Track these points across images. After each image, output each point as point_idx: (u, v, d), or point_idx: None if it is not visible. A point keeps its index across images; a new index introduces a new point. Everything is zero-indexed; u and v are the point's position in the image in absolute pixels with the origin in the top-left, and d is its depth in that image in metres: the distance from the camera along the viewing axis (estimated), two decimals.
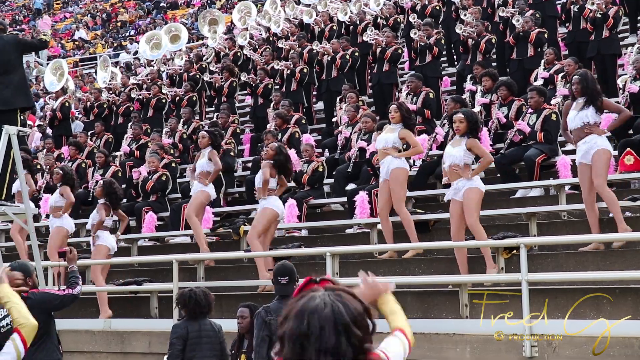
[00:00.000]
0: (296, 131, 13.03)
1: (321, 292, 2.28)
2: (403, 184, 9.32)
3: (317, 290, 2.30)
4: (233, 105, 16.37)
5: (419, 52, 14.12)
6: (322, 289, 2.31)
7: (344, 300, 2.27)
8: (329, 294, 2.27)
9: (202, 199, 10.81)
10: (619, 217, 8.01)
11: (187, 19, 31.17)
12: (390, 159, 9.21)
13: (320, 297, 2.27)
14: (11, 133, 7.94)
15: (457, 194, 8.32)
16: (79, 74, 24.97)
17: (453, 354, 7.43)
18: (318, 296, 2.27)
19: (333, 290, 2.29)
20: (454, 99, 11.15)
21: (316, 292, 2.29)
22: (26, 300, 6.15)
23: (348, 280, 8.90)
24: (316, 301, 2.25)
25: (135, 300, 10.60)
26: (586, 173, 8.10)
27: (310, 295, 2.28)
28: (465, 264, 8.37)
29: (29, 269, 6.45)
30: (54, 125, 17.06)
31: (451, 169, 8.36)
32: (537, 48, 12.95)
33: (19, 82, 8.28)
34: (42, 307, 6.28)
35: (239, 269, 10.68)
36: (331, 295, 2.26)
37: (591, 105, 8.03)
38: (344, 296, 2.28)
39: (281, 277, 6.67)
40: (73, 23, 37.09)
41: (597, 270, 7.90)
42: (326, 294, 2.27)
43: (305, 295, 2.29)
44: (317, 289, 2.32)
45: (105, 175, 13.72)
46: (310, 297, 2.27)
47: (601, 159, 8.00)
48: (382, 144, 9.32)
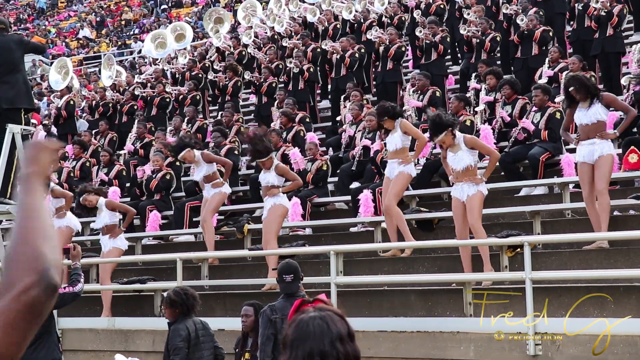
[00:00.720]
0: (301, 129, 13.04)
1: (310, 315, 2.35)
2: (404, 185, 9.34)
3: (307, 312, 2.37)
4: (237, 103, 16.39)
5: (425, 50, 14.10)
6: (312, 309, 2.38)
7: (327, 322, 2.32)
8: (316, 317, 2.33)
9: (219, 200, 10.76)
10: (605, 226, 8.00)
11: (191, 17, 31.18)
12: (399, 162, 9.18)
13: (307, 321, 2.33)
14: (15, 132, 7.96)
15: (462, 194, 8.31)
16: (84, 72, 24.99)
17: (457, 353, 7.42)
18: (306, 321, 2.33)
19: (321, 311, 2.34)
20: (458, 98, 11.16)
21: (305, 314, 2.36)
22: None
23: (352, 279, 8.92)
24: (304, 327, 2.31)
25: (139, 299, 10.61)
26: (588, 172, 8.08)
27: (300, 319, 2.35)
28: (470, 262, 8.36)
29: None
30: (59, 123, 17.09)
31: (462, 178, 8.26)
32: (541, 47, 12.93)
33: (23, 82, 8.30)
34: None
35: (243, 267, 10.69)
36: (317, 319, 2.32)
37: (598, 102, 8.02)
38: (329, 317, 2.34)
39: (286, 275, 6.68)
40: (77, 22, 37.15)
41: (601, 268, 7.89)
42: (313, 317, 2.33)
43: (295, 320, 2.36)
44: (308, 310, 2.38)
45: (110, 173, 13.75)
46: (300, 321, 2.34)
47: (608, 163, 7.99)
48: (392, 146, 9.25)
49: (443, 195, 10.86)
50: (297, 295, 6.71)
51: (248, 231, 10.90)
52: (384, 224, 10.09)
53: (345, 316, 2.39)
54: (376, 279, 9.06)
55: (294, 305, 2.45)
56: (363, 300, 8.79)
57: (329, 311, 2.36)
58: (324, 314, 2.34)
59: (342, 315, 2.39)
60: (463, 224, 8.34)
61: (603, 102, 8.07)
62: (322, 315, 2.33)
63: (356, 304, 8.75)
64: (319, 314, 2.34)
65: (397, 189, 9.22)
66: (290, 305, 6.52)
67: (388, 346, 7.78)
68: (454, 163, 8.31)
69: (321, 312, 2.35)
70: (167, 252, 11.54)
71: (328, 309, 2.37)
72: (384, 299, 8.74)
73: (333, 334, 2.29)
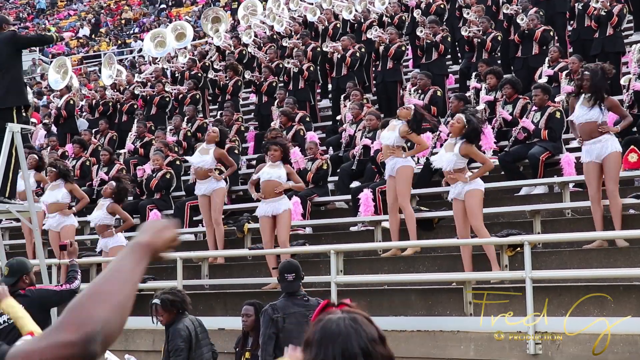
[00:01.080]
0: (301, 129, 13.04)
1: (338, 316, 2.29)
2: (408, 181, 9.37)
3: (334, 314, 2.31)
4: (237, 103, 16.39)
5: (425, 49, 14.10)
6: (339, 311, 2.32)
7: (359, 323, 2.30)
8: (346, 317, 2.28)
9: (222, 198, 10.75)
10: (617, 226, 8.02)
11: (191, 17, 31.16)
12: (396, 157, 9.24)
13: (337, 322, 2.27)
14: (15, 131, 7.95)
15: (459, 194, 8.33)
16: (84, 71, 24.99)
17: (457, 352, 7.43)
18: (334, 321, 2.27)
19: (349, 314, 2.31)
20: (457, 97, 11.16)
21: (333, 315, 2.30)
22: (24, 298, 6.18)
23: (352, 278, 8.93)
24: (333, 327, 2.26)
25: (139, 298, 10.56)
26: (594, 171, 8.07)
27: (327, 318, 2.29)
28: (470, 262, 8.37)
29: (27, 266, 6.46)
30: (59, 123, 17.09)
31: (446, 175, 8.40)
32: (542, 46, 12.93)
33: (12, 80, 8.20)
34: (40, 304, 6.29)
35: (243, 266, 10.69)
36: (347, 320, 2.27)
37: (601, 104, 8.02)
38: (360, 319, 2.31)
39: (287, 274, 6.69)
40: (77, 21, 37.13)
41: (601, 267, 7.90)
42: (343, 317, 2.28)
43: (322, 319, 2.31)
44: (335, 311, 2.32)
45: (110, 173, 13.75)
46: (327, 321, 2.28)
47: (615, 162, 8.00)
48: (387, 141, 9.35)
49: (443, 195, 10.85)
50: (298, 295, 6.72)
51: (248, 230, 10.90)
52: (384, 223, 10.11)
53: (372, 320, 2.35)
54: (376, 278, 9.07)
55: (319, 306, 2.42)
56: (363, 299, 8.78)
57: (358, 313, 2.33)
58: (354, 315, 2.28)
59: (370, 318, 2.35)
60: (464, 224, 8.35)
61: (605, 105, 8.06)
62: (352, 317, 2.28)
63: (356, 303, 8.74)
64: (348, 315, 2.29)
65: (405, 188, 9.30)
66: (291, 304, 6.57)
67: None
68: (439, 162, 8.36)
69: (350, 314, 2.29)
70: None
71: (356, 311, 2.33)
72: (384, 298, 8.75)
73: (367, 335, 2.25)
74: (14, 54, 8.30)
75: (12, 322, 6.15)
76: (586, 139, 8.12)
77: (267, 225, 9.70)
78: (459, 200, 8.35)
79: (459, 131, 8.34)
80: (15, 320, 5.09)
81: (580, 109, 8.17)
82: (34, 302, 6.23)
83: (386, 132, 9.42)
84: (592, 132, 8.07)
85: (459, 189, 8.31)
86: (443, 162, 8.40)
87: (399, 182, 9.26)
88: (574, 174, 9.63)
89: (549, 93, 10.46)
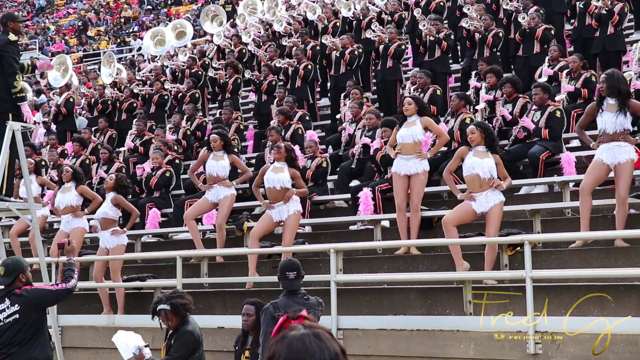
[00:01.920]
0: (299, 127, 13.02)
1: (302, 332, 2.26)
2: (424, 184, 9.42)
3: (296, 329, 2.28)
4: (237, 101, 16.38)
5: (428, 47, 14.02)
6: (301, 326, 2.29)
7: (323, 340, 2.26)
8: (309, 334, 2.25)
9: (230, 204, 10.73)
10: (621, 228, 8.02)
11: (190, 15, 31.15)
12: (415, 158, 9.21)
13: (301, 339, 2.24)
14: (15, 129, 7.93)
15: (483, 205, 8.26)
16: (83, 70, 24.97)
17: (457, 351, 7.42)
18: (299, 338, 2.24)
19: (312, 329, 2.27)
20: (459, 96, 11.14)
21: (296, 331, 2.27)
22: (20, 298, 6.17)
23: (352, 277, 8.92)
24: (298, 345, 2.23)
25: (138, 296, 10.60)
26: (600, 170, 8.03)
27: (292, 335, 2.26)
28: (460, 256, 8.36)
29: (22, 265, 6.45)
30: (58, 121, 17.07)
31: (489, 182, 8.26)
32: (543, 45, 12.92)
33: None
34: (35, 304, 6.29)
35: (242, 265, 10.66)
36: (311, 336, 2.24)
37: (627, 109, 7.94)
38: (323, 335, 2.27)
39: (289, 272, 6.67)
40: (77, 19, 37.11)
41: (602, 267, 7.89)
42: (306, 334, 2.25)
43: (286, 336, 2.27)
44: (296, 327, 2.29)
45: (110, 171, 13.73)
46: (292, 339, 2.25)
47: (629, 170, 7.94)
48: (408, 139, 9.28)
49: (443, 194, 10.86)
50: (298, 293, 6.71)
51: (247, 229, 10.89)
52: (383, 222, 10.10)
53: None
54: (376, 277, 9.06)
55: (278, 322, 2.36)
56: (363, 298, 8.78)
57: (319, 328, 2.28)
58: (317, 331, 2.25)
59: (330, 332, 2.32)
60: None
61: (630, 109, 7.99)
62: (315, 333, 2.23)
63: (356, 302, 8.75)
64: (310, 331, 2.25)
65: (422, 191, 9.38)
66: (292, 302, 6.56)
67: (387, 344, 7.77)
68: (478, 167, 8.29)
69: (312, 330, 2.26)
70: (166, 250, 11.52)
71: (318, 326, 2.29)
72: (383, 297, 8.74)
73: (331, 352, 2.21)
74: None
75: (8, 321, 6.15)
76: (606, 141, 8.06)
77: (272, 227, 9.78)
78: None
79: (481, 140, 8.34)
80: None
81: (606, 115, 8.03)
82: (30, 302, 6.23)
83: (405, 130, 9.34)
84: (613, 136, 8.00)
85: (487, 200, 8.23)
86: (485, 169, 8.23)
87: (417, 185, 9.24)
88: (574, 174, 9.62)
89: (549, 92, 10.45)
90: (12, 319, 6.19)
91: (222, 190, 10.61)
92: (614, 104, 7.97)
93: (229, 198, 10.64)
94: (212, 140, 10.82)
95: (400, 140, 9.37)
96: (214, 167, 10.63)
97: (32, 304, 6.22)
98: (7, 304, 6.25)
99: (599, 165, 8.06)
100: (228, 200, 10.62)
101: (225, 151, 10.74)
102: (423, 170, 9.28)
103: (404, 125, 9.38)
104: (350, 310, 8.45)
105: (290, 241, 9.60)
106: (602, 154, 8.03)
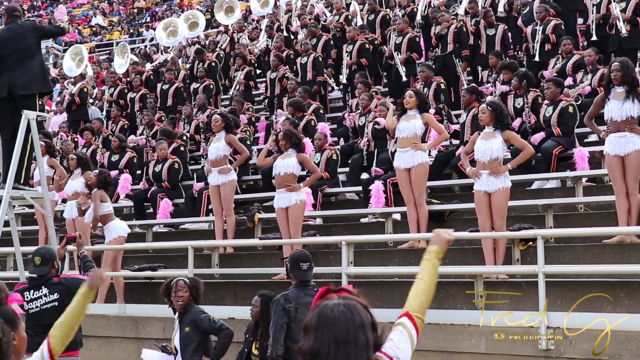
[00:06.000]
0: (312, 119, 12.99)
1: (334, 302, 2.41)
2: (426, 177, 9.42)
3: (331, 299, 2.43)
4: (249, 92, 16.35)
5: (442, 40, 13.93)
6: (336, 297, 2.44)
7: (352, 310, 2.37)
8: (340, 304, 2.40)
9: (231, 190, 10.75)
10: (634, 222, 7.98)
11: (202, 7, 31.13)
12: (414, 150, 9.19)
13: (332, 307, 2.40)
14: (30, 118, 7.97)
15: (489, 186, 8.27)
16: (96, 60, 25.02)
17: (468, 345, 7.41)
18: (330, 307, 2.40)
19: (345, 299, 2.40)
20: (469, 90, 11.09)
21: (330, 301, 2.42)
22: (60, 286, 6.22)
23: (363, 270, 8.91)
24: (327, 313, 2.39)
25: (150, 286, 10.63)
26: (618, 165, 7.98)
27: (324, 304, 2.42)
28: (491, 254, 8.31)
29: (55, 254, 6.56)
30: (71, 110, 17.11)
31: (491, 164, 8.28)
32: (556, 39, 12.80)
33: (38, 68, 8.33)
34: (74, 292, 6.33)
35: (254, 256, 10.69)
36: (341, 306, 2.40)
37: (635, 97, 7.91)
38: (353, 306, 2.38)
39: (303, 263, 6.67)
40: (90, 9, 37.16)
41: (615, 263, 7.86)
42: (338, 304, 2.40)
43: (319, 305, 2.44)
44: (332, 297, 2.45)
45: (121, 160, 13.76)
46: (324, 307, 2.40)
47: (637, 162, 7.89)
48: (405, 133, 9.28)
49: (454, 188, 10.84)
50: (309, 285, 6.70)
51: (259, 220, 10.90)
52: (395, 215, 10.09)
53: (370, 307, 2.41)
54: (387, 270, 9.05)
55: (319, 291, 2.47)
56: (374, 291, 8.78)
57: (353, 300, 2.39)
58: (349, 302, 2.36)
59: (366, 305, 2.41)
60: (487, 216, 8.35)
61: (638, 98, 7.95)
62: (346, 303, 2.36)
63: (367, 294, 8.66)
64: (343, 301, 2.39)
65: (423, 184, 9.36)
66: (303, 294, 6.55)
67: None
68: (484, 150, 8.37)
69: (345, 300, 2.38)
70: (177, 240, 11.54)
71: (352, 298, 2.40)
72: (394, 290, 8.73)
73: (356, 322, 2.31)
74: (37, 42, 8.44)
75: (45, 307, 6.20)
76: (613, 131, 8.01)
77: (281, 217, 9.69)
78: (485, 193, 8.31)
79: (490, 119, 8.34)
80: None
81: (613, 103, 8.03)
82: (69, 290, 6.24)
83: (404, 124, 9.35)
84: (620, 125, 7.95)
85: (491, 182, 8.26)
86: (493, 149, 8.29)
87: (418, 178, 9.24)
88: (587, 169, 9.58)
89: (562, 87, 10.40)
90: (50, 305, 6.26)
91: (220, 177, 10.63)
92: (621, 92, 7.97)
93: (227, 185, 10.63)
94: (213, 120, 10.86)
95: (398, 134, 9.39)
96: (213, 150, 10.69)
97: (72, 292, 6.26)
98: (44, 291, 6.34)
99: (614, 161, 8.02)
100: (227, 188, 10.62)
101: (226, 132, 10.74)
102: (422, 161, 9.25)
103: (403, 118, 9.40)
104: None
105: (297, 232, 9.57)
106: (610, 148, 8.02)
